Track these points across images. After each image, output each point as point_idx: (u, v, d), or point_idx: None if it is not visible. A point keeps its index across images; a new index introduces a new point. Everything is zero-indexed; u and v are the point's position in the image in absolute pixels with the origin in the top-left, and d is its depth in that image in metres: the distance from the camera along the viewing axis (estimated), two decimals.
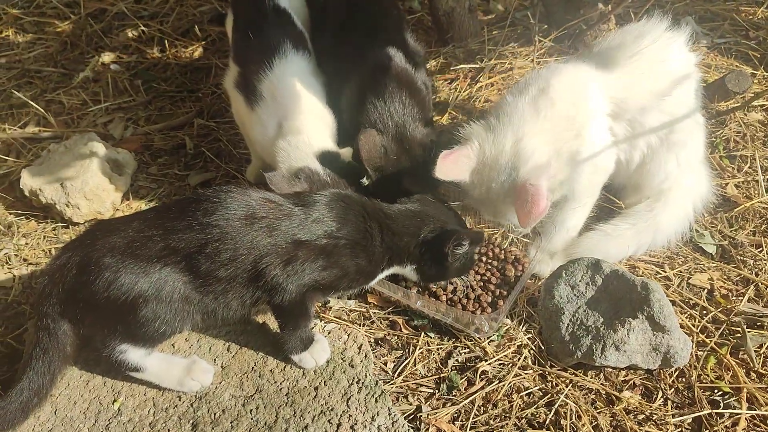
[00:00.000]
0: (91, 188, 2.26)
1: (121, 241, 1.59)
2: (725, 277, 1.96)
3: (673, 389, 1.69)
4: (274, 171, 1.86)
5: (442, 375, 1.76)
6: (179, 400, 1.71)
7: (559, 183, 1.73)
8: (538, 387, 1.72)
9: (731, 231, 2.07)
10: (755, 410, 1.62)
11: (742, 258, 1.99)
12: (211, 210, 1.59)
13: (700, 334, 1.79)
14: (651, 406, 1.65)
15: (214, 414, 1.67)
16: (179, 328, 1.67)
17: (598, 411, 1.65)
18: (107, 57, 3.09)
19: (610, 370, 1.74)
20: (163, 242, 1.58)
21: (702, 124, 2.03)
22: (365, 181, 1.90)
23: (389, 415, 1.64)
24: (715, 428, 1.59)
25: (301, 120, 1.97)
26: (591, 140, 1.76)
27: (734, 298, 1.89)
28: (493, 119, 1.76)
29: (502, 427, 1.63)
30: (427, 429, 1.64)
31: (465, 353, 1.81)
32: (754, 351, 1.73)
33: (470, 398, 1.70)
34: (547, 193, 1.62)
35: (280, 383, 1.73)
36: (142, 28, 3.21)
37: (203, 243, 1.57)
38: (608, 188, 2.07)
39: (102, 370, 1.77)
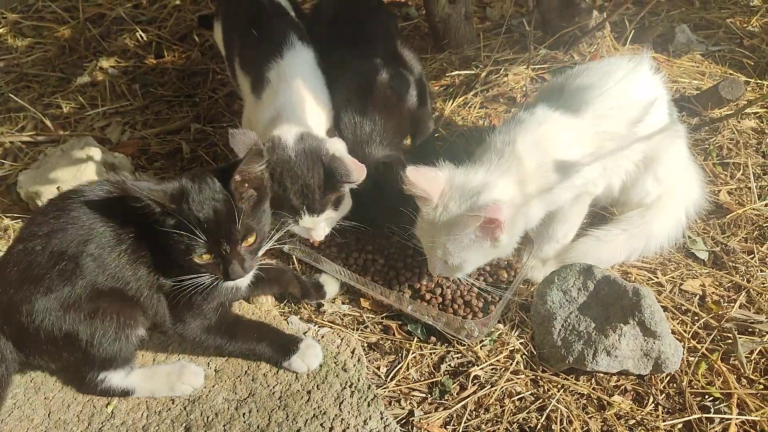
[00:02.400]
0: None
1: (15, 272, 1.54)
2: (717, 283, 1.96)
3: (664, 395, 1.70)
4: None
5: (434, 379, 1.77)
6: (172, 403, 1.71)
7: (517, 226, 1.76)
8: (529, 392, 1.72)
9: (723, 237, 2.08)
10: (745, 416, 1.63)
11: (734, 264, 2.00)
12: (73, 207, 1.55)
13: (692, 340, 1.80)
14: (642, 411, 1.66)
15: (207, 417, 1.67)
16: (131, 334, 1.62)
17: (589, 416, 1.66)
18: (105, 61, 3.10)
19: (602, 375, 1.75)
20: (47, 251, 1.52)
21: (680, 133, 2.04)
22: None
23: (381, 419, 1.65)
24: None
25: (301, 109, 1.94)
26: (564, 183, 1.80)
27: (726, 304, 1.90)
28: (468, 162, 1.79)
29: (493, 431, 1.64)
30: None
31: (458, 358, 1.82)
32: (745, 357, 1.74)
33: (462, 403, 1.71)
34: (506, 220, 1.62)
35: (273, 387, 1.74)
36: (140, 33, 3.22)
37: (85, 240, 1.52)
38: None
39: None
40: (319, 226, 1.90)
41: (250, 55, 2.10)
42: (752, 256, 2.02)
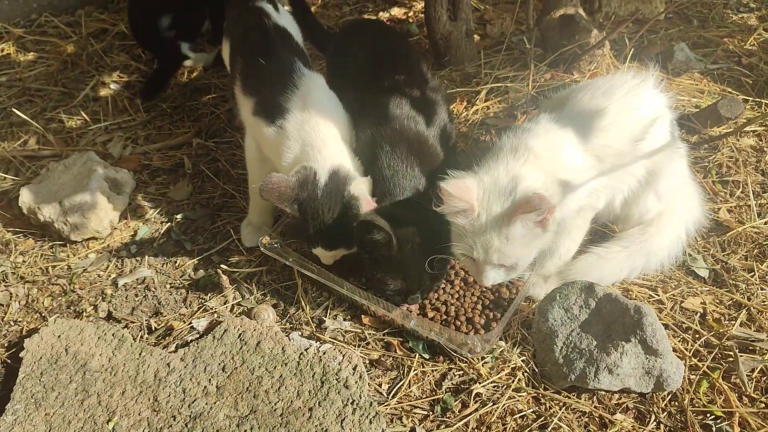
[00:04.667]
0: (89, 207, 2.27)
1: None
2: (718, 301, 1.97)
3: (665, 413, 1.70)
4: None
5: (436, 397, 1.77)
6: (173, 420, 1.71)
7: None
8: (531, 410, 1.72)
9: (724, 255, 2.09)
10: None
11: (734, 282, 2.01)
12: None
13: (693, 358, 1.80)
14: (644, 430, 1.66)
15: None
16: None
17: None
18: (107, 76, 3.12)
19: (604, 393, 1.75)
20: None
21: (682, 151, 2.06)
22: None
23: None
24: None
25: (327, 133, 1.95)
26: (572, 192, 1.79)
27: (726, 322, 1.90)
28: (482, 167, 1.78)
29: None
30: None
31: (459, 375, 1.82)
32: (746, 375, 1.74)
33: (464, 420, 1.70)
34: (551, 207, 1.61)
35: (275, 404, 1.73)
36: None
37: None
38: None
39: (97, 390, 1.78)
40: (329, 257, 1.98)
41: (253, 80, 2.11)
42: (752, 274, 2.03)
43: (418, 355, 1.87)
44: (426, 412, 1.74)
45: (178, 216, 2.40)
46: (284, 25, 2.24)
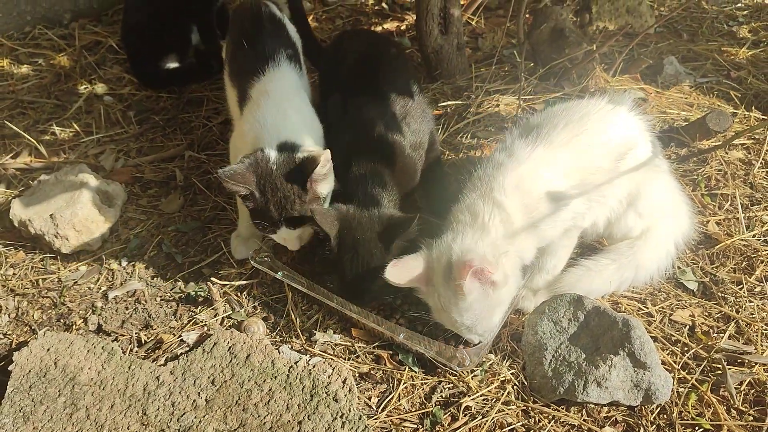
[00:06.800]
0: (80, 219, 2.28)
1: None
2: (706, 313, 1.98)
3: (654, 426, 1.70)
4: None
5: (425, 410, 1.77)
6: None
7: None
8: (521, 423, 1.72)
9: (712, 268, 2.10)
10: None
11: (723, 295, 2.01)
12: None
13: (681, 371, 1.81)
14: None
15: None
16: None
17: None
18: (100, 89, 3.13)
19: (592, 406, 1.75)
20: None
21: (664, 167, 2.08)
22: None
23: None
24: None
25: (287, 125, 1.95)
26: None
27: (715, 334, 1.91)
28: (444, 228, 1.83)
29: None
30: None
31: (449, 388, 1.82)
32: (735, 388, 1.75)
33: None
34: (483, 264, 1.65)
35: (264, 417, 1.73)
36: None
37: None
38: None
39: (86, 403, 1.77)
40: (293, 238, 1.96)
41: (237, 66, 2.12)
42: (741, 286, 2.03)
43: (407, 368, 1.87)
44: (415, 426, 1.74)
45: (170, 228, 2.40)
46: (281, 17, 2.25)
